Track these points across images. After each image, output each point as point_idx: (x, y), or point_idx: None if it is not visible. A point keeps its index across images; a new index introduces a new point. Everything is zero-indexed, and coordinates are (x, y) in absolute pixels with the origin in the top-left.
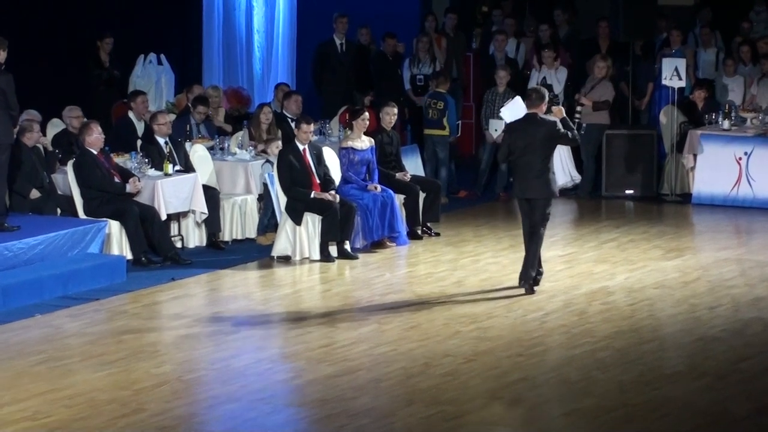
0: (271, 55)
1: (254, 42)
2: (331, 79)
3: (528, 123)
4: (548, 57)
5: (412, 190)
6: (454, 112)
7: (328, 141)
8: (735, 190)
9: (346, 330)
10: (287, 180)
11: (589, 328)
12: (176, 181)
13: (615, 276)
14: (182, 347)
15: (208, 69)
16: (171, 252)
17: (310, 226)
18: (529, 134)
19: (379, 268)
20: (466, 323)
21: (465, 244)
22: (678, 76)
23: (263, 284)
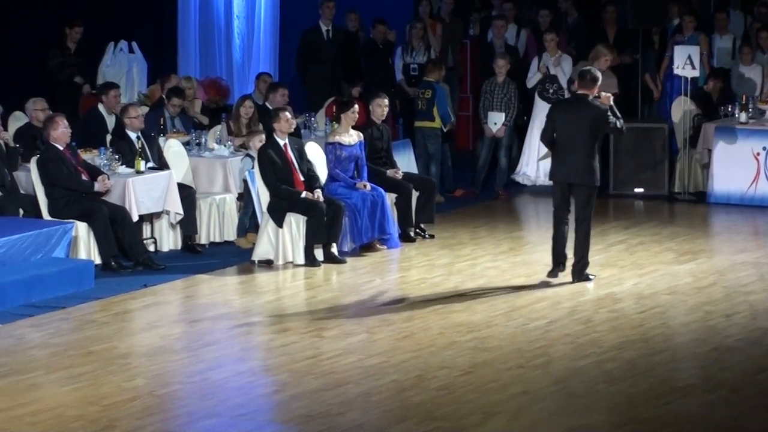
0: (252, 42)
1: (234, 28)
2: (316, 69)
3: (578, 104)
4: (550, 41)
5: (405, 188)
6: (444, 99)
7: (314, 135)
8: (753, 188)
9: (333, 340)
10: (273, 178)
11: (596, 338)
12: (149, 179)
13: (623, 281)
14: (156, 359)
15: (184, 58)
16: (143, 256)
17: (294, 228)
18: (579, 116)
19: (368, 273)
20: (462, 332)
21: (461, 247)
22: (691, 65)
23: (243, 291)
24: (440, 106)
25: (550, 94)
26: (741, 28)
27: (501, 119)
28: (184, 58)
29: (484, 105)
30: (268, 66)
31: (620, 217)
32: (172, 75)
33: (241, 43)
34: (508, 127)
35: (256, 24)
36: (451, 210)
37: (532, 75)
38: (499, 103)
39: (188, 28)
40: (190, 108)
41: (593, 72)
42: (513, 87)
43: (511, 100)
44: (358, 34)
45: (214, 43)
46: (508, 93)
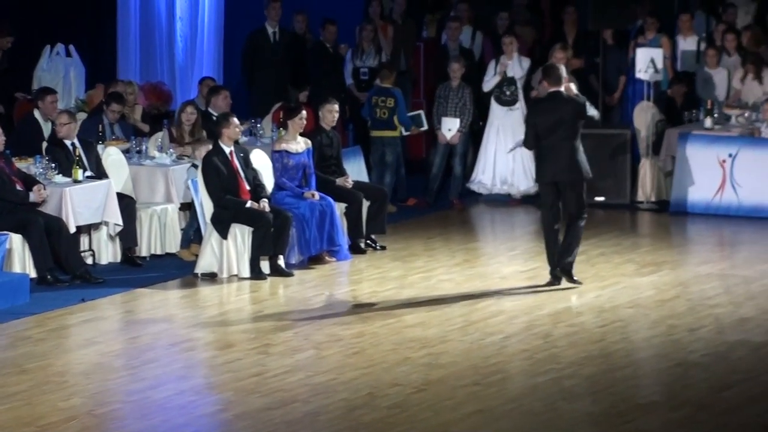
0: (195, 45)
1: (176, 30)
2: (263, 73)
3: (554, 101)
4: (509, 44)
5: (355, 197)
6: (404, 105)
7: (260, 143)
8: (718, 196)
9: (280, 357)
10: (217, 187)
11: (555, 353)
12: (87, 189)
13: (583, 294)
14: (94, 377)
15: (124, 61)
16: (81, 269)
17: (239, 239)
18: (557, 112)
19: (317, 287)
20: (415, 348)
21: (414, 258)
22: (654, 69)
23: (186, 305)
24: (401, 114)
25: (507, 97)
26: (703, 30)
27: (455, 125)
28: (123, 62)
29: (438, 110)
30: (212, 70)
31: None
32: (118, 81)
33: (184, 45)
34: (462, 134)
35: (200, 26)
36: (403, 220)
37: (489, 78)
38: (453, 108)
39: (128, 30)
40: (130, 114)
41: (558, 67)
42: (468, 92)
43: (466, 105)
44: (305, 36)
45: (155, 46)
46: (463, 98)
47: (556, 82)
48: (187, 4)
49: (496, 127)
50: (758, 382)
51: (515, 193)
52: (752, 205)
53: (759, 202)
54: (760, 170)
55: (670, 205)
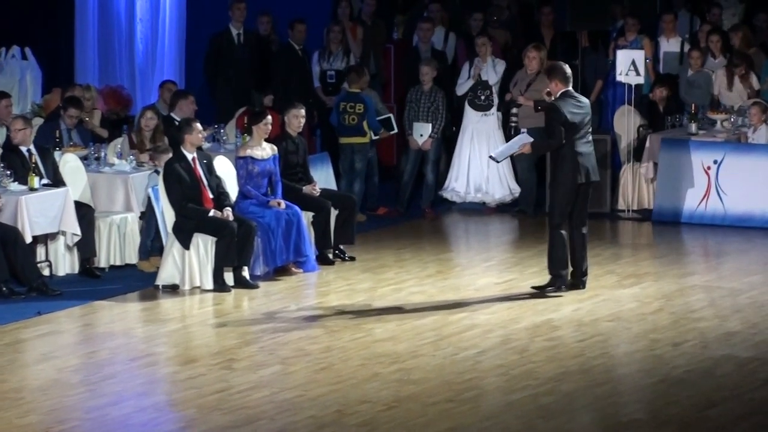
0: (156, 47)
1: (136, 32)
2: (226, 76)
3: (575, 99)
4: (482, 45)
5: (323, 206)
6: (373, 110)
7: (223, 149)
8: (703, 204)
9: (245, 372)
10: (179, 195)
11: (532, 369)
12: (43, 197)
13: (561, 307)
14: (51, 393)
15: (82, 64)
16: (37, 281)
17: (202, 250)
18: (583, 109)
19: (283, 299)
20: (386, 363)
21: (385, 270)
22: (635, 71)
23: (146, 318)
24: (371, 119)
25: (482, 102)
26: (687, 31)
27: (427, 130)
28: (81, 65)
29: (409, 115)
30: (174, 73)
31: None
32: (76, 86)
33: (144, 48)
34: (435, 140)
35: (161, 27)
36: (373, 230)
37: (463, 82)
38: (425, 113)
39: (86, 32)
40: (88, 120)
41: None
42: (440, 95)
43: (438, 109)
44: (270, 37)
45: (114, 49)
46: (435, 102)
47: (566, 81)
48: (147, 5)
49: (470, 133)
50: (744, 399)
51: (490, 201)
52: (738, 214)
53: (745, 211)
54: (746, 177)
55: (652, 214)
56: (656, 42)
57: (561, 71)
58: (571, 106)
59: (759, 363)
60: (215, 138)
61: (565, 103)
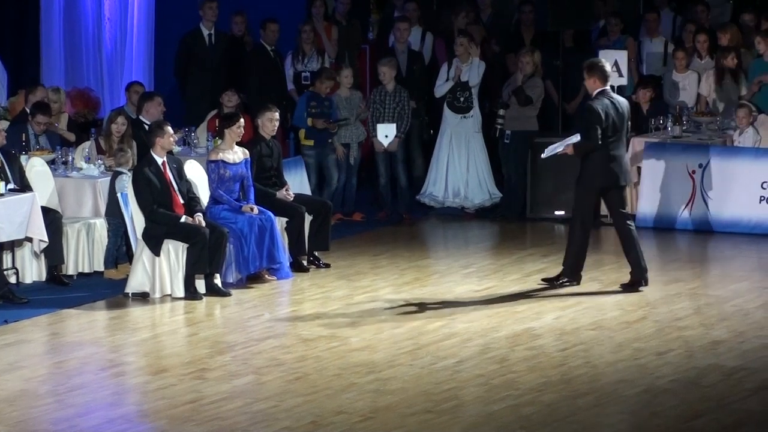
0: (124, 48)
1: (104, 32)
2: (197, 78)
3: (613, 100)
4: (461, 45)
5: (297, 211)
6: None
7: (194, 153)
8: (687, 210)
9: (217, 382)
10: (149, 200)
11: (512, 379)
12: (9, 203)
13: (542, 315)
14: (17, 404)
15: (48, 65)
16: (3, 288)
17: (173, 257)
18: (621, 109)
19: (256, 307)
20: (362, 373)
21: (360, 277)
22: (618, 72)
23: (115, 327)
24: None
25: (461, 104)
26: (670, 31)
27: (392, 131)
28: (47, 66)
29: (374, 117)
30: (143, 74)
31: (538, 243)
32: (39, 87)
33: (112, 49)
34: (401, 139)
35: (129, 27)
36: (348, 236)
37: (442, 83)
38: (391, 113)
39: (52, 32)
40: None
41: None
42: (405, 95)
43: (404, 109)
44: (244, 38)
45: (81, 50)
46: (400, 102)
47: (605, 79)
48: (115, 4)
49: (449, 136)
50: (731, 410)
51: (469, 206)
52: (725, 220)
53: (732, 216)
54: (732, 181)
55: (636, 220)
56: (639, 42)
57: (601, 69)
58: (608, 106)
59: (746, 372)
60: (186, 141)
61: (602, 103)
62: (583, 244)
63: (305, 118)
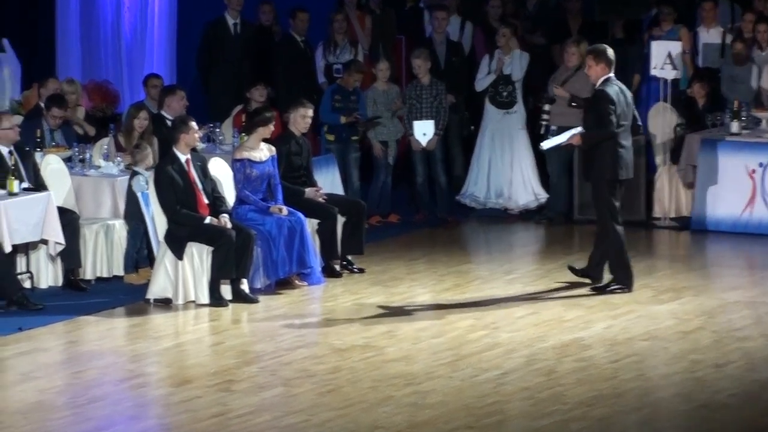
0: (144, 39)
1: (123, 22)
2: (222, 71)
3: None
4: (503, 36)
5: (328, 213)
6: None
7: (219, 150)
8: (747, 212)
9: (244, 395)
10: (171, 201)
11: (560, 392)
12: (23, 203)
13: (592, 324)
14: (32, 417)
15: (63, 57)
16: (17, 294)
17: (196, 260)
18: (626, 97)
19: (285, 315)
20: (399, 386)
21: (396, 283)
22: (671, 65)
23: (136, 335)
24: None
25: (504, 99)
26: (729, 20)
27: (431, 128)
28: (63, 58)
29: (410, 113)
30: (164, 67)
31: (587, 247)
32: (50, 79)
33: (132, 39)
34: (440, 137)
35: (149, 16)
36: (383, 239)
37: (482, 77)
38: (428, 109)
39: (68, 21)
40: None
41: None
42: (442, 88)
43: (441, 104)
44: (273, 28)
45: (99, 40)
46: (438, 96)
47: (611, 65)
48: None
49: (491, 132)
50: None
51: (513, 207)
52: None
53: None
54: None
55: (691, 222)
56: (695, 33)
57: (607, 54)
58: (618, 93)
59: None
60: (210, 138)
61: (612, 89)
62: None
63: (331, 113)
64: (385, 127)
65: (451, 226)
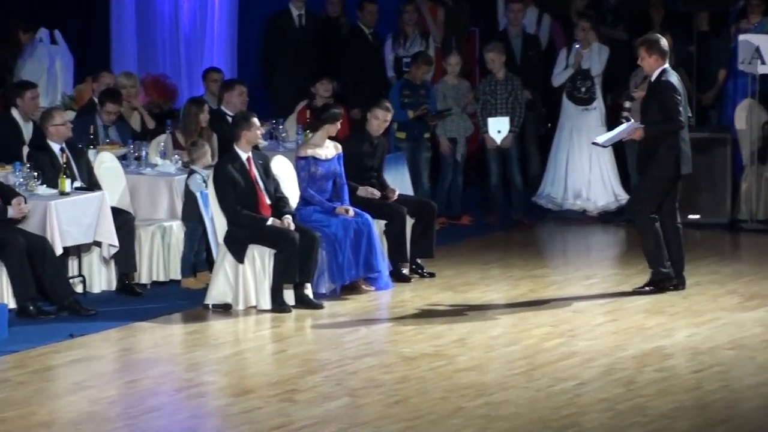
0: (204, 30)
1: (181, 13)
2: (286, 65)
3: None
4: (582, 30)
5: (397, 213)
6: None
7: (282, 147)
8: None
9: (308, 405)
10: (232, 201)
11: (640, 404)
12: (76, 203)
13: (674, 332)
14: (84, 428)
15: (119, 49)
16: (69, 299)
17: (258, 264)
18: (686, 89)
19: (351, 322)
20: (470, 396)
21: (469, 288)
22: (760, 59)
23: (194, 343)
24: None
25: (582, 95)
26: None
27: (506, 125)
28: (118, 51)
29: (484, 110)
30: (224, 60)
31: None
32: (104, 72)
33: (191, 31)
34: (515, 135)
35: (209, 7)
36: (455, 242)
37: (560, 71)
38: (503, 105)
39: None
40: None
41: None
42: (518, 84)
43: (517, 100)
44: (340, 20)
45: (156, 32)
46: (513, 92)
47: (665, 56)
48: None
49: (569, 130)
50: None
51: (591, 209)
52: None
53: None
54: None
55: None
56: None
57: (660, 45)
58: (678, 83)
59: None
60: (273, 135)
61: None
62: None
63: (400, 110)
64: (454, 124)
65: (526, 228)
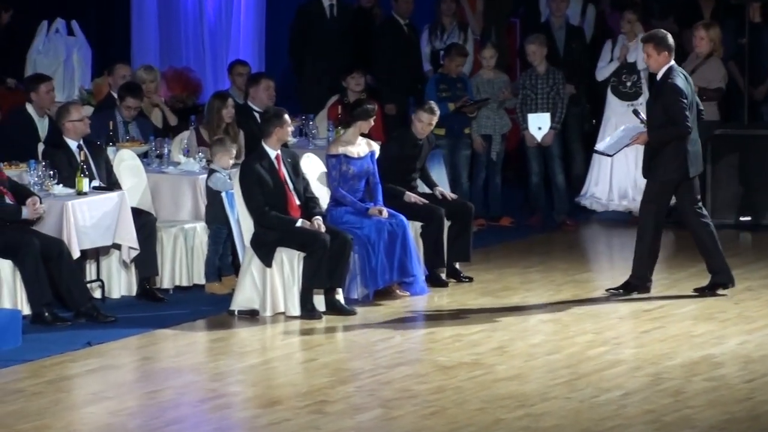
0: (230, 21)
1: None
2: (316, 57)
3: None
4: (628, 22)
5: (434, 215)
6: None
7: (312, 145)
8: None
9: (339, 417)
10: (260, 202)
11: (688, 415)
12: (94, 203)
13: (724, 340)
14: None
15: (140, 42)
16: (86, 304)
17: (287, 268)
18: (690, 86)
19: (385, 328)
20: (510, 408)
21: (509, 293)
22: None
23: (219, 351)
24: None
25: (628, 89)
26: None
27: (546, 122)
28: (139, 43)
29: (524, 105)
30: (251, 53)
31: None
32: (118, 65)
33: (216, 22)
34: (557, 132)
35: None
36: (494, 244)
37: (604, 65)
38: (544, 100)
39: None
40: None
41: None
42: (560, 78)
43: (559, 94)
44: (374, 10)
45: (179, 23)
46: (555, 86)
47: (672, 52)
48: None
49: (614, 126)
50: None
51: (637, 210)
52: None
53: None
54: None
55: None
56: None
57: (668, 41)
58: (684, 84)
59: None
60: (303, 131)
61: (681, 80)
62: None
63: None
64: (489, 120)
65: (569, 230)
